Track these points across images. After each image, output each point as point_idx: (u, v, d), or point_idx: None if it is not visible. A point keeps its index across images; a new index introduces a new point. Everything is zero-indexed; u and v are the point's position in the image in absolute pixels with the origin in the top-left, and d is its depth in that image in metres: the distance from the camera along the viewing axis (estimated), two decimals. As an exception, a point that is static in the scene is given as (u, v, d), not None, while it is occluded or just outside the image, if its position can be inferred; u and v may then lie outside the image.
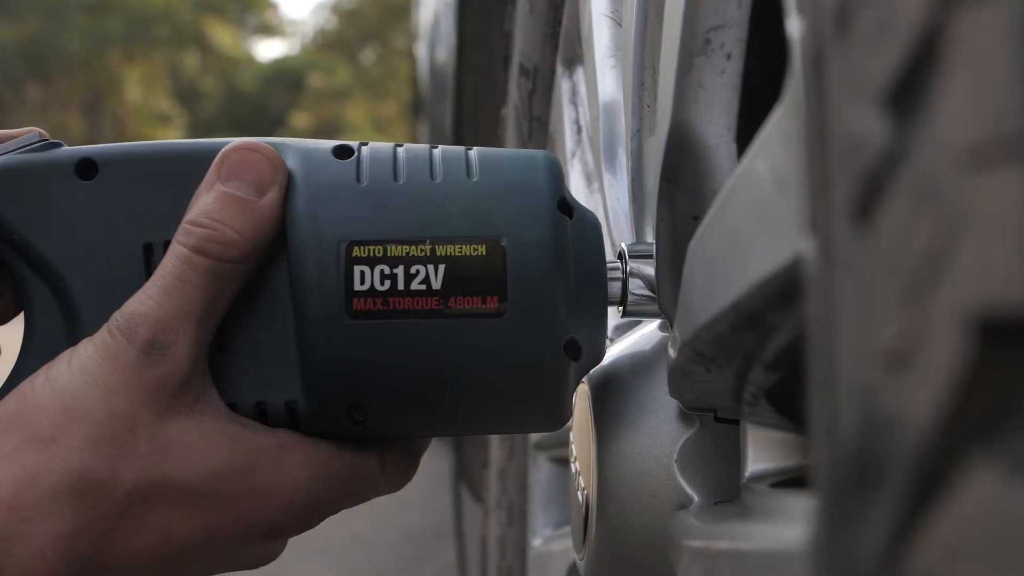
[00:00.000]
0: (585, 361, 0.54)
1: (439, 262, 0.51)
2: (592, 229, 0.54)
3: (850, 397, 0.22)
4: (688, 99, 0.49)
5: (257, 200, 0.51)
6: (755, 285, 0.37)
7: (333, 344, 0.51)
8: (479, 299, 0.51)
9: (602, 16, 0.69)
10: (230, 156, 0.52)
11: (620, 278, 0.56)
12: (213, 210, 0.51)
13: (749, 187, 0.38)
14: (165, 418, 0.50)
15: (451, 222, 0.51)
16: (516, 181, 0.53)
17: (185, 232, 0.51)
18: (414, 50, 3.63)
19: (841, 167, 0.23)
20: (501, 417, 0.56)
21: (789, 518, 0.38)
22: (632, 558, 0.57)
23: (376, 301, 0.51)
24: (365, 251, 0.51)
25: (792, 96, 0.33)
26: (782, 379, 0.45)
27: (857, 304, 0.22)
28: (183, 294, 0.50)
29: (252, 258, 0.51)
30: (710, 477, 0.54)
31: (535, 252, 0.51)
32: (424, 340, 0.51)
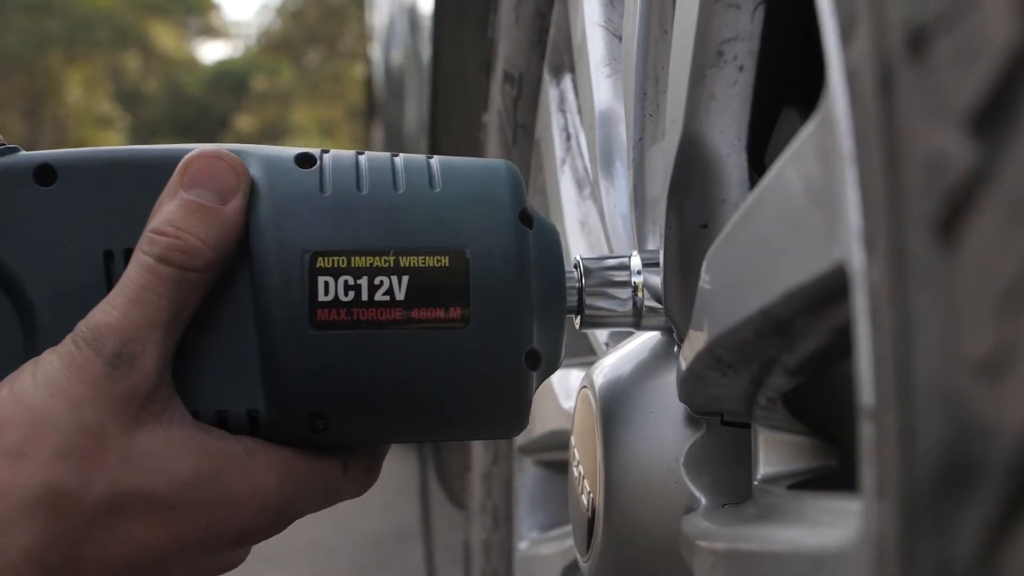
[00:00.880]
0: (544, 369, 0.55)
1: (403, 273, 0.51)
2: (551, 240, 0.55)
3: (935, 406, 0.23)
4: (700, 110, 0.50)
5: (221, 208, 0.51)
6: (786, 293, 0.38)
7: (296, 354, 0.51)
8: (442, 310, 0.51)
9: (596, 25, 0.70)
10: (193, 163, 0.52)
11: (576, 287, 0.57)
12: (177, 218, 0.51)
13: (778, 197, 0.39)
14: (133, 429, 0.50)
15: (414, 233, 0.52)
16: (478, 192, 0.53)
17: (149, 241, 0.51)
18: (368, 52, 3.63)
19: (920, 185, 0.24)
20: (462, 425, 0.56)
21: (815, 520, 0.39)
22: (639, 560, 0.58)
23: (340, 312, 0.51)
24: (329, 262, 0.51)
25: (827, 111, 0.35)
26: (800, 384, 0.46)
27: (941, 316, 0.23)
28: (148, 304, 0.50)
29: (216, 267, 0.51)
30: (717, 480, 0.55)
31: (498, 263, 0.52)
32: (387, 350, 0.51)
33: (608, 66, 0.69)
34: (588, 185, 0.76)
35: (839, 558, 0.34)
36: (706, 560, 0.47)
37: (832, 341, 0.39)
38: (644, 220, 0.60)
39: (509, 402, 0.54)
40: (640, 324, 0.59)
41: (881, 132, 0.26)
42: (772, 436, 0.50)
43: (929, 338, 0.24)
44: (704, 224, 0.53)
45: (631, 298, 0.58)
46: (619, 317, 0.58)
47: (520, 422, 0.56)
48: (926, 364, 0.24)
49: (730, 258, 0.44)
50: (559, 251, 0.56)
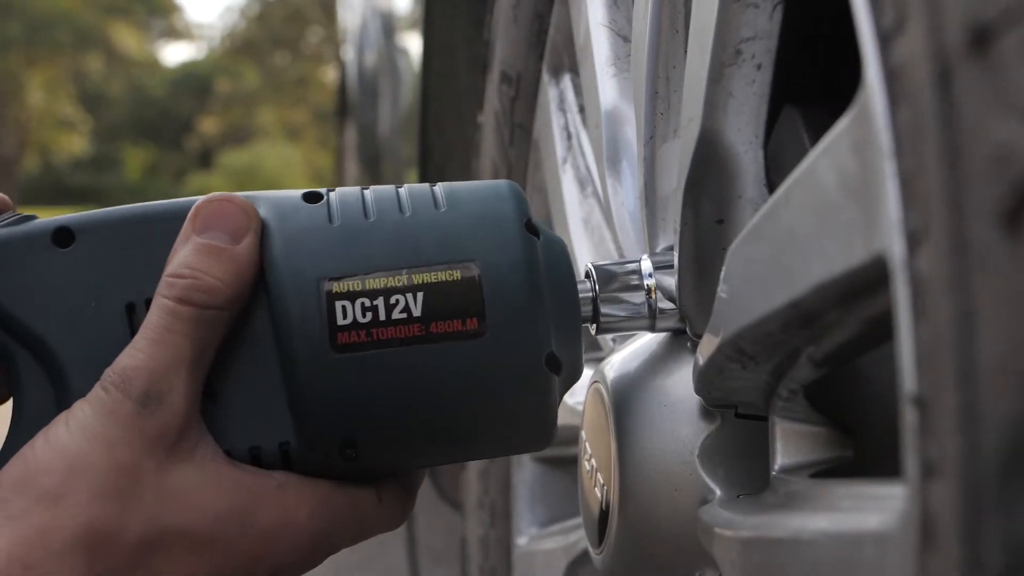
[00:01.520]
0: (566, 376, 0.56)
1: (417, 290, 0.52)
2: (559, 251, 0.57)
3: (1002, 389, 0.24)
4: (718, 107, 0.51)
5: (234, 247, 0.52)
6: (817, 285, 0.39)
7: (321, 380, 0.52)
8: (459, 321, 0.52)
9: (600, 26, 0.71)
10: (203, 208, 0.53)
11: (590, 296, 0.58)
12: (192, 261, 0.52)
13: (810, 191, 0.40)
14: (167, 466, 0.51)
15: (424, 252, 0.53)
16: (483, 209, 0.55)
17: (167, 285, 0.52)
18: (340, 54, 3.62)
19: (984, 176, 0.25)
20: (492, 439, 0.56)
21: (848, 506, 0.40)
22: (654, 551, 0.59)
23: (360, 333, 0.52)
24: (344, 286, 0.52)
25: (864, 107, 0.36)
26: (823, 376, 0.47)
27: (1007, 302, 0.24)
28: (172, 344, 0.51)
29: (235, 304, 0.53)
30: (731, 471, 0.56)
31: (508, 271, 0.53)
32: (410, 367, 0.52)
33: (613, 66, 0.70)
34: (590, 184, 0.77)
35: (879, 541, 0.35)
36: (731, 548, 0.48)
37: (863, 332, 0.40)
38: (655, 217, 0.61)
39: (535, 410, 0.55)
40: (655, 327, 0.60)
41: (938, 126, 0.27)
42: (790, 427, 0.51)
43: (995, 324, 0.25)
44: (720, 220, 0.54)
45: (645, 302, 0.59)
46: (634, 321, 0.59)
47: (547, 432, 0.56)
48: (993, 349, 0.25)
49: (756, 252, 0.45)
50: (568, 262, 0.57)
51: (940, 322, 0.28)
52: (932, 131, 0.28)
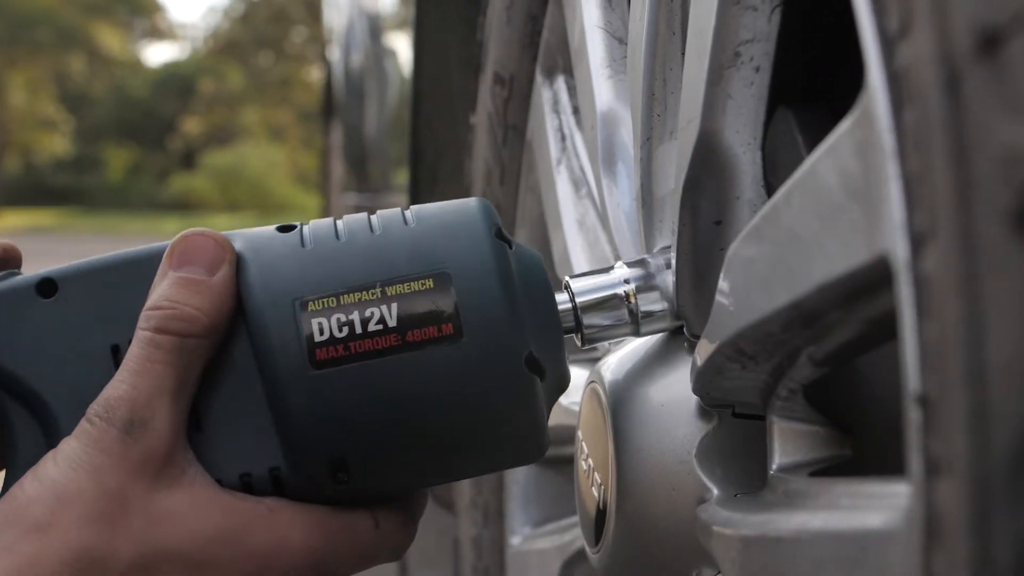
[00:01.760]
0: (553, 385, 0.57)
1: (391, 301, 0.53)
2: (534, 262, 0.57)
3: (1012, 388, 0.24)
4: (716, 109, 0.52)
5: (210, 279, 0.54)
6: (820, 285, 0.40)
7: (303, 397, 0.53)
8: (435, 327, 0.53)
9: (595, 28, 0.71)
10: (178, 245, 0.55)
11: (570, 307, 0.59)
12: (170, 294, 0.53)
13: (811, 192, 0.40)
14: (154, 490, 0.52)
15: (396, 265, 0.54)
16: (452, 220, 0.56)
17: (146, 317, 0.53)
18: (326, 54, 3.62)
19: (993, 178, 0.25)
20: (482, 449, 0.56)
21: (850, 504, 0.40)
22: (651, 550, 0.59)
23: (338, 348, 0.53)
24: (319, 304, 0.53)
25: (867, 109, 0.36)
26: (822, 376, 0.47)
27: (1017, 301, 0.25)
28: (153, 373, 0.52)
29: (214, 332, 0.53)
30: (728, 470, 0.57)
31: (480, 275, 0.54)
32: (391, 377, 0.53)
33: (608, 68, 0.70)
34: (584, 185, 0.77)
35: (882, 538, 0.35)
36: (731, 546, 0.49)
37: (865, 332, 0.41)
38: (652, 218, 0.61)
39: (521, 415, 0.55)
40: (640, 331, 0.60)
41: (946, 128, 0.28)
42: (789, 426, 0.52)
43: (1005, 323, 0.25)
44: (718, 221, 0.54)
45: (625, 307, 0.59)
46: (618, 328, 0.60)
47: (539, 439, 0.56)
48: (1002, 348, 0.25)
49: (756, 252, 0.45)
50: (543, 274, 0.57)
51: (948, 322, 0.28)
52: (939, 133, 0.28)
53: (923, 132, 0.30)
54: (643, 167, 0.61)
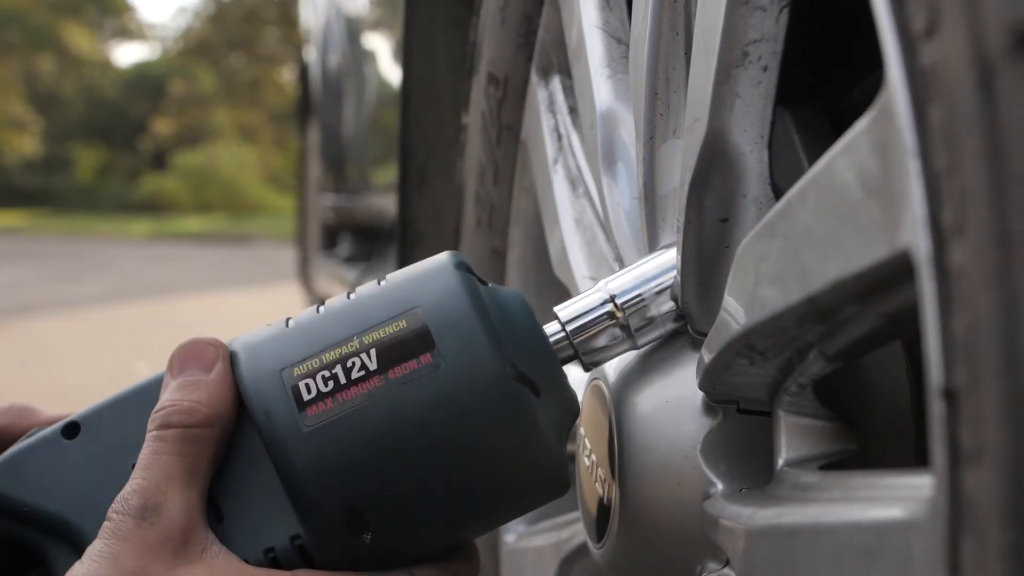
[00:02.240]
0: (555, 407, 0.57)
1: (369, 348, 0.55)
2: (511, 293, 0.59)
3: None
4: (724, 108, 0.52)
5: (207, 376, 0.57)
6: (837, 280, 0.40)
7: (302, 455, 0.55)
8: (414, 360, 0.55)
9: (594, 28, 0.71)
10: (175, 356, 0.58)
11: (564, 336, 0.60)
12: (171, 396, 0.57)
13: (827, 189, 0.41)
14: (176, 567, 0.53)
15: (370, 317, 0.56)
16: (420, 270, 0.58)
17: (151, 420, 0.56)
18: (303, 55, 3.62)
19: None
20: (489, 474, 0.56)
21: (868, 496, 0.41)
22: (656, 544, 0.60)
23: (326, 401, 0.55)
24: (303, 367, 0.56)
25: (886, 107, 0.37)
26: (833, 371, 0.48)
27: (1054, 292, 0.25)
28: (161, 463, 0.55)
29: (217, 422, 0.56)
30: (733, 465, 0.57)
31: (447, 300, 0.56)
32: (381, 415, 0.54)
33: (608, 67, 0.70)
34: (581, 184, 0.78)
35: (904, 528, 0.36)
36: (742, 539, 0.49)
37: (881, 326, 0.41)
38: (655, 216, 0.62)
39: (519, 430, 0.55)
40: (637, 344, 0.61)
41: (978, 125, 0.28)
42: (796, 421, 0.52)
43: (1043, 313, 0.26)
44: (725, 219, 0.55)
45: (616, 324, 0.60)
46: (616, 346, 0.61)
47: (548, 462, 0.56)
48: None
49: (769, 249, 0.46)
50: (523, 302, 0.59)
51: (980, 314, 0.29)
52: (971, 130, 0.29)
53: (952, 129, 0.31)
54: (646, 166, 0.62)
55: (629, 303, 0.60)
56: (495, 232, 0.93)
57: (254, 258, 12.23)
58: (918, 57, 0.34)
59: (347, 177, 2.91)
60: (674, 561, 0.59)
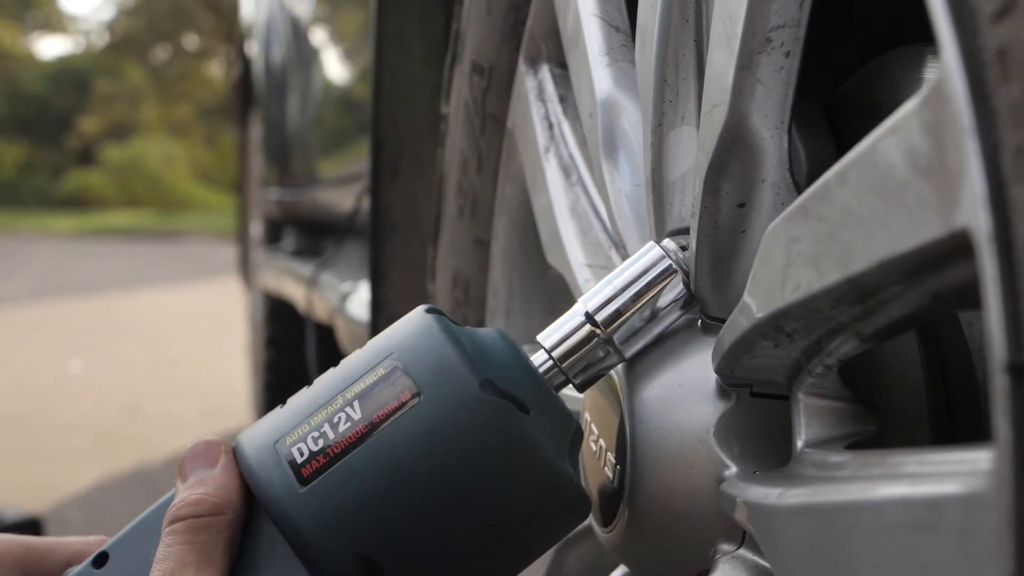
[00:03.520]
0: (550, 424, 0.57)
1: (352, 401, 0.57)
2: (489, 332, 0.59)
3: None
4: (746, 93, 0.53)
5: (212, 471, 0.59)
6: (882, 260, 0.41)
7: (303, 513, 0.55)
8: (395, 400, 0.56)
9: (592, 16, 0.72)
10: (182, 461, 0.61)
11: (551, 363, 0.61)
12: (180, 496, 0.59)
13: (870, 170, 0.42)
14: None
15: (351, 374, 0.58)
16: (395, 324, 0.60)
17: (164, 521, 0.58)
18: (244, 49, 3.58)
19: None
20: (504, 506, 0.56)
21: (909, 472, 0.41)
22: (668, 527, 0.60)
23: (318, 458, 0.56)
24: (295, 435, 0.57)
25: (941, 88, 0.37)
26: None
27: None
28: (173, 553, 0.57)
29: (226, 509, 0.57)
30: (746, 448, 0.58)
31: (421, 341, 0.57)
32: (373, 458, 0.55)
33: (607, 56, 0.71)
34: (575, 172, 0.78)
35: (964, 502, 0.37)
36: (772, 518, 0.50)
37: (926, 305, 0.42)
38: (662, 203, 0.62)
39: (517, 453, 0.55)
40: (625, 356, 0.62)
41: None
42: (816, 403, 0.53)
43: None
44: (742, 204, 0.55)
45: (599, 342, 0.61)
46: (603, 362, 0.62)
47: (557, 481, 0.56)
48: None
49: (802, 231, 0.46)
50: (501, 335, 0.59)
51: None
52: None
53: None
54: (654, 152, 0.62)
55: (609, 319, 0.61)
56: (478, 221, 0.93)
57: (185, 255, 12.10)
58: (981, 39, 0.35)
59: (292, 171, 2.89)
60: (687, 544, 0.60)
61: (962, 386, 0.56)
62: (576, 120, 0.80)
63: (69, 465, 3.39)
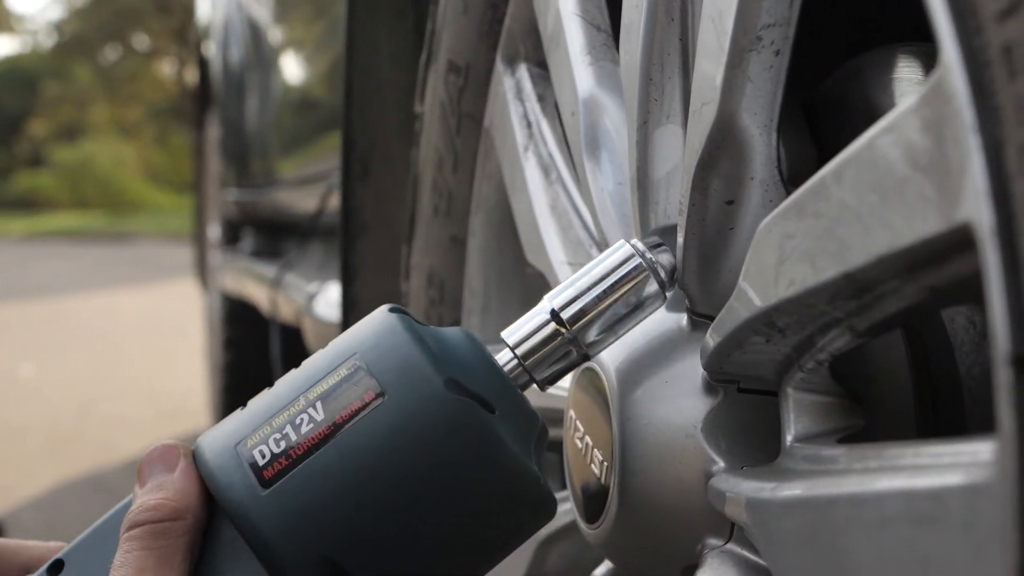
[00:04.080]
0: (510, 420, 0.56)
1: (315, 402, 0.56)
2: (453, 330, 0.59)
3: None
4: (735, 91, 0.53)
5: (171, 475, 0.58)
6: (881, 256, 0.42)
7: (265, 516, 0.55)
8: (359, 401, 0.55)
9: (572, 15, 0.72)
10: (140, 466, 0.59)
11: (515, 362, 0.59)
12: (138, 501, 0.58)
13: (868, 167, 0.42)
14: None
15: (313, 375, 0.57)
16: (357, 324, 0.59)
17: (122, 527, 0.57)
18: (202, 50, 3.56)
19: None
20: (471, 506, 0.55)
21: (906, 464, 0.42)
22: (656, 523, 0.60)
23: (280, 460, 0.55)
24: (256, 437, 0.56)
25: (941, 86, 0.38)
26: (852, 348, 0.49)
27: None
28: (131, 560, 0.56)
29: (186, 514, 0.56)
30: (734, 443, 0.58)
31: (384, 340, 0.56)
32: (336, 459, 0.55)
33: (589, 55, 0.71)
34: (554, 170, 0.78)
35: (967, 493, 0.37)
36: (765, 512, 0.50)
37: (923, 299, 0.43)
38: (647, 201, 0.63)
39: (482, 452, 0.54)
40: (589, 355, 0.60)
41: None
42: (806, 398, 0.54)
43: None
44: (730, 201, 0.56)
45: (563, 340, 0.59)
46: (568, 361, 0.60)
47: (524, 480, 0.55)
48: None
49: (797, 227, 0.47)
50: (466, 335, 0.58)
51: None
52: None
53: None
54: (639, 151, 0.63)
55: (574, 316, 0.59)
56: (454, 220, 0.93)
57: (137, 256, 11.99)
58: (985, 37, 0.36)
59: (251, 171, 2.88)
60: (674, 539, 0.60)
61: (945, 381, 0.56)
62: (555, 119, 0.80)
63: (23, 468, 3.35)
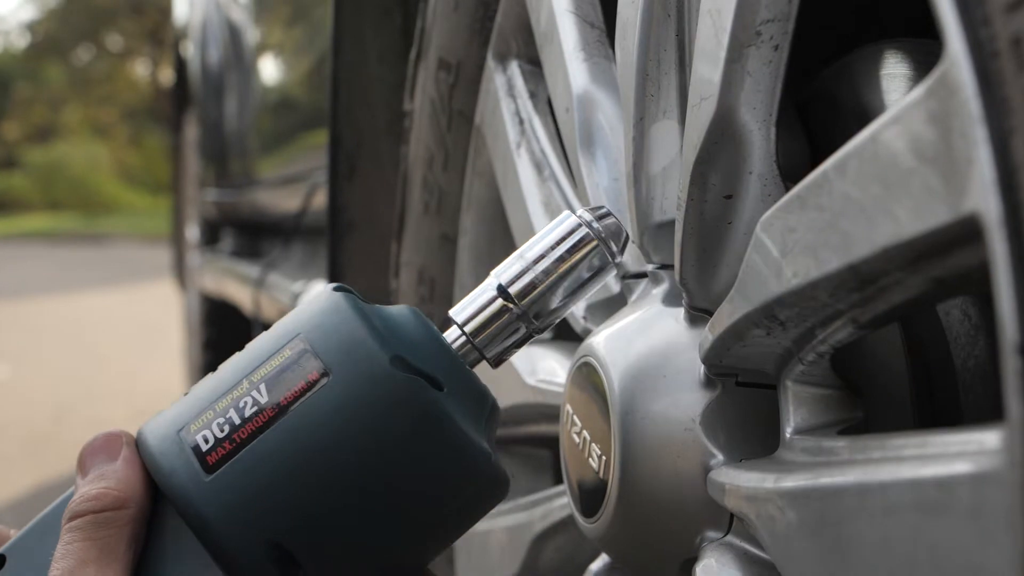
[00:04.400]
0: (459, 398, 0.55)
1: (258, 384, 0.55)
2: (397, 307, 0.58)
3: None
4: (735, 86, 0.54)
5: (114, 464, 0.57)
6: (885, 247, 0.42)
7: (209, 502, 0.53)
8: (303, 382, 0.54)
9: (566, 13, 0.72)
10: (81, 455, 0.58)
11: (463, 339, 0.58)
12: (80, 491, 0.57)
13: (872, 159, 0.42)
14: None
15: (257, 356, 0.56)
16: (301, 304, 0.59)
17: (63, 518, 0.56)
18: (180, 51, 3.54)
19: None
20: (422, 486, 0.54)
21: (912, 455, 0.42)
22: (654, 516, 0.61)
23: (224, 445, 0.54)
24: (199, 422, 0.55)
25: (947, 78, 0.38)
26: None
27: None
28: (73, 551, 0.55)
29: (128, 503, 0.55)
30: (732, 436, 0.59)
31: (328, 319, 0.55)
32: (281, 442, 0.54)
33: (583, 51, 0.71)
34: (547, 167, 0.78)
35: (975, 481, 0.38)
36: (769, 504, 0.50)
37: (927, 290, 0.43)
38: (642, 195, 0.63)
39: (431, 431, 0.53)
40: (541, 329, 0.59)
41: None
42: (805, 391, 0.54)
43: None
44: (729, 195, 0.56)
45: (512, 314, 0.58)
46: (518, 336, 0.59)
47: (475, 459, 0.54)
48: None
49: (799, 220, 0.47)
50: (413, 312, 0.57)
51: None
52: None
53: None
54: (635, 146, 0.63)
55: (522, 291, 0.58)
56: (444, 217, 0.93)
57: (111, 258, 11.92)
58: (993, 29, 0.36)
59: (231, 172, 2.87)
60: (673, 532, 0.60)
61: (940, 373, 0.57)
62: (547, 116, 0.81)
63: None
